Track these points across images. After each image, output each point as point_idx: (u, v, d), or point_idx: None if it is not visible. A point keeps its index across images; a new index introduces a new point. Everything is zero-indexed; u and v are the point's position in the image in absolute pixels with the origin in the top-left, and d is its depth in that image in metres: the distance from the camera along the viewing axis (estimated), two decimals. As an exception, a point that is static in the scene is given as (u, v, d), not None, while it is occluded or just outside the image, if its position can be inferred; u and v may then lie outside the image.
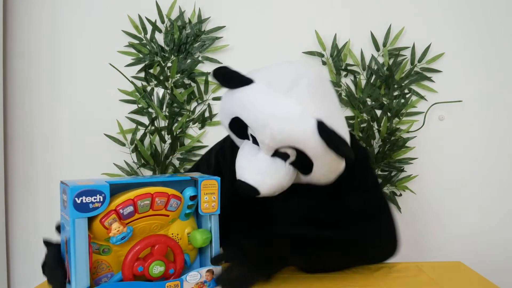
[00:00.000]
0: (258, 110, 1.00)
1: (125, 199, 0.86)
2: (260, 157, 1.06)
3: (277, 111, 0.98)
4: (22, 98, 1.91)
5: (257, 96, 1.01)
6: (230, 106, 1.07)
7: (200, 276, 0.96)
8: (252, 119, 1.02)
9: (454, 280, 1.12)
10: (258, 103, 1.01)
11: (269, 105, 0.99)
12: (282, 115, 0.98)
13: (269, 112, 0.99)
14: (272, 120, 0.99)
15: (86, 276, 0.83)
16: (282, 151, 1.04)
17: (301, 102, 0.99)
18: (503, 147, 1.86)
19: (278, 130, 0.99)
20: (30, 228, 1.94)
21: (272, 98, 1.00)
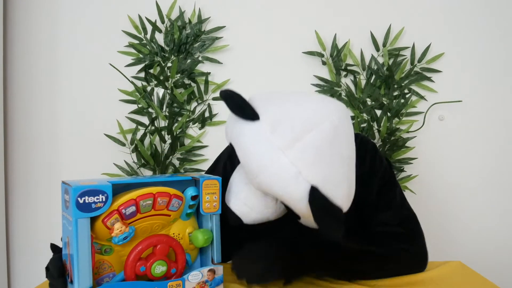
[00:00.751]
0: (251, 157, 0.92)
1: (127, 199, 0.86)
2: (252, 188, 1.00)
3: (270, 165, 0.89)
4: (22, 98, 1.91)
5: (254, 141, 0.91)
6: (230, 133, 0.99)
7: (202, 275, 0.96)
8: (244, 162, 0.94)
9: (454, 280, 1.12)
10: (253, 149, 0.91)
11: (262, 155, 0.90)
12: (274, 172, 0.89)
13: (261, 164, 0.90)
14: (262, 173, 0.90)
15: (88, 276, 0.83)
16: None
17: (299, 162, 0.88)
18: (503, 147, 1.86)
19: (266, 185, 0.91)
20: (30, 228, 1.93)
21: (269, 149, 0.89)
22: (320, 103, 0.97)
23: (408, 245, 1.14)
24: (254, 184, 0.96)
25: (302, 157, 0.89)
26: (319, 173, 0.90)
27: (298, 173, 0.88)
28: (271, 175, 0.90)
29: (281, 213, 1.05)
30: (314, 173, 0.89)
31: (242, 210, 1.02)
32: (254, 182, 0.94)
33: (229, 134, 0.99)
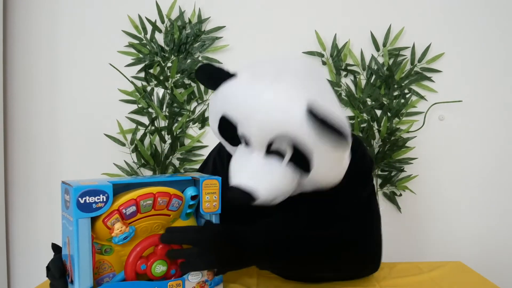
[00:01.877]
0: (242, 101, 0.93)
1: (128, 199, 0.86)
2: (253, 158, 0.97)
3: (262, 99, 0.90)
4: (22, 98, 1.91)
5: (239, 88, 0.95)
6: (215, 106, 1.01)
7: (202, 275, 0.96)
8: (237, 113, 0.95)
9: (454, 280, 1.12)
10: (241, 94, 0.93)
11: (253, 94, 0.92)
12: (268, 104, 0.90)
13: (254, 101, 0.91)
14: (257, 109, 0.91)
15: (89, 276, 0.83)
16: (276, 147, 0.95)
17: (287, 88, 0.91)
18: (503, 147, 1.86)
19: (265, 119, 0.91)
20: (30, 228, 1.94)
21: (256, 87, 0.92)
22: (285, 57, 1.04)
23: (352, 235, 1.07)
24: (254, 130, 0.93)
25: (290, 83, 0.93)
26: (308, 93, 0.92)
27: (291, 95, 0.90)
28: (267, 107, 0.90)
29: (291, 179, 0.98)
30: (304, 93, 0.91)
31: (251, 184, 0.95)
32: (252, 127, 0.93)
33: (214, 108, 1.01)
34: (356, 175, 1.10)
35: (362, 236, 1.08)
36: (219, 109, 1.00)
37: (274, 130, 0.91)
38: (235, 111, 0.96)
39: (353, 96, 1.84)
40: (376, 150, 1.84)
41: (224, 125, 1.00)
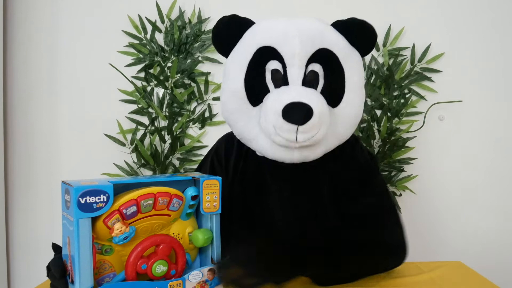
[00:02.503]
0: (282, 25, 1.05)
1: (128, 199, 0.86)
2: (292, 87, 1.03)
3: (299, 20, 1.06)
4: (22, 98, 1.91)
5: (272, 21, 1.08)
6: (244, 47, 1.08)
7: (202, 275, 0.96)
8: (278, 34, 1.04)
9: (454, 280, 1.12)
10: (278, 22, 1.07)
11: (288, 21, 1.06)
12: (304, 22, 1.06)
13: (292, 23, 1.05)
14: (297, 27, 1.04)
15: (90, 276, 0.83)
16: (310, 70, 1.04)
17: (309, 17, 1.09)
18: (503, 147, 1.86)
19: (306, 32, 1.03)
20: (30, 228, 1.94)
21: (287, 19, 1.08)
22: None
23: (382, 232, 1.11)
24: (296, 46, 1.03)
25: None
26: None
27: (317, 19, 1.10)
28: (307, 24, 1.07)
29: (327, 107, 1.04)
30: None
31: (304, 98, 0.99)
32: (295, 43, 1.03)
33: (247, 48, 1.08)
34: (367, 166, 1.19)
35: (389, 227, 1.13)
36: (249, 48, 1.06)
37: (314, 41, 1.03)
38: (274, 35, 1.05)
39: (353, 96, 1.84)
40: (376, 150, 1.84)
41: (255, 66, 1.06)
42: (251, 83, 1.07)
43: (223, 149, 1.25)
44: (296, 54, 1.02)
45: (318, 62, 1.04)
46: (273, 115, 0.99)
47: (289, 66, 1.03)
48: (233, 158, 1.23)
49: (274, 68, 1.05)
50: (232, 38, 1.11)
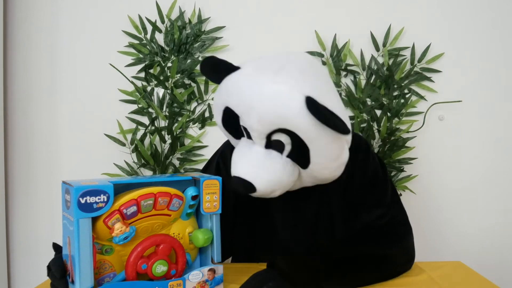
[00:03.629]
0: (243, 93, 0.97)
1: (128, 199, 0.86)
2: (254, 149, 1.01)
3: (264, 90, 0.94)
4: (22, 98, 1.91)
5: (241, 79, 0.99)
6: (219, 98, 1.05)
7: (202, 275, 0.96)
8: (239, 104, 0.99)
9: (454, 280, 1.12)
10: (243, 85, 0.98)
11: (254, 86, 0.95)
12: (268, 95, 0.94)
13: (255, 93, 0.95)
14: (258, 101, 0.95)
15: (90, 276, 0.83)
16: (275, 138, 0.99)
17: (288, 81, 0.94)
18: (503, 147, 1.86)
19: (265, 111, 0.94)
20: (30, 228, 1.94)
21: (258, 80, 0.96)
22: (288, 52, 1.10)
23: (395, 245, 1.14)
24: (254, 120, 0.97)
25: (291, 77, 0.96)
26: (309, 86, 0.95)
27: (292, 87, 0.93)
28: (268, 98, 0.94)
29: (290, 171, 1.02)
30: (306, 85, 0.95)
31: (251, 172, 0.99)
32: (253, 117, 0.96)
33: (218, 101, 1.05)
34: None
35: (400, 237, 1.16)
36: (222, 101, 1.04)
37: (273, 121, 0.95)
38: (237, 103, 1.00)
39: (353, 96, 1.84)
40: (376, 150, 1.84)
41: (227, 117, 1.05)
42: (228, 126, 1.08)
43: (229, 152, 1.26)
44: (254, 130, 0.99)
45: (284, 133, 0.98)
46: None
47: (251, 133, 1.01)
48: None
49: (242, 124, 1.03)
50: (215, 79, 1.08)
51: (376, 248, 1.10)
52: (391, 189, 1.23)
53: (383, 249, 1.11)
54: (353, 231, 1.16)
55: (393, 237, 1.15)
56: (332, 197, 1.18)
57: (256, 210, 1.22)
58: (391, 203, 1.20)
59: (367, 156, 1.22)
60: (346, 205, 1.18)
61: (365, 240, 1.12)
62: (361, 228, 1.16)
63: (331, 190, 1.18)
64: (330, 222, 1.19)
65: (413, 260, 1.19)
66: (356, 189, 1.18)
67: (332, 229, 1.19)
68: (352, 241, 1.13)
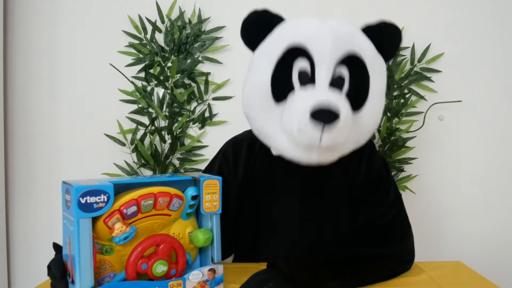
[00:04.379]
0: (314, 23, 1.06)
1: (128, 199, 0.87)
2: (319, 88, 1.02)
3: (331, 21, 1.06)
4: (22, 98, 1.91)
5: (303, 19, 1.08)
6: (274, 43, 1.08)
7: (203, 275, 0.97)
8: (311, 32, 1.04)
9: (454, 280, 1.12)
10: (310, 20, 1.07)
11: (320, 20, 1.06)
12: (337, 23, 1.06)
13: (324, 23, 1.05)
14: (329, 27, 1.04)
15: (90, 276, 0.83)
16: (337, 75, 1.04)
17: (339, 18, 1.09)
18: (503, 147, 1.86)
19: (338, 32, 1.03)
20: (30, 228, 1.93)
21: (319, 19, 1.07)
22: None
23: (396, 245, 1.14)
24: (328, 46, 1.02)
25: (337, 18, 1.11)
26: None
27: (347, 22, 1.10)
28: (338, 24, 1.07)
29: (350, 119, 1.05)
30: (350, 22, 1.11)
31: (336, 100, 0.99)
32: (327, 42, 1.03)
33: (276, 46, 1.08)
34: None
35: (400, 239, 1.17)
36: (279, 45, 1.06)
37: (346, 42, 1.03)
38: (306, 32, 1.05)
39: (353, 96, 1.84)
40: (376, 150, 1.85)
41: (283, 64, 1.05)
42: (277, 79, 1.06)
43: (231, 152, 1.26)
44: (326, 53, 1.02)
45: (346, 65, 1.04)
46: (301, 113, 0.98)
47: (318, 66, 1.03)
48: (242, 161, 1.23)
49: (302, 66, 1.04)
50: (262, 32, 1.10)
51: (376, 248, 1.10)
52: (394, 188, 1.23)
53: (383, 249, 1.11)
54: (354, 229, 1.16)
55: (393, 236, 1.15)
56: (339, 195, 1.19)
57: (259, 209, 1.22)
58: (393, 202, 1.21)
59: (373, 153, 1.23)
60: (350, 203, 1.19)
61: (365, 240, 1.12)
62: (362, 226, 1.16)
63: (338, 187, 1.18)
64: (336, 220, 1.19)
65: (413, 260, 1.19)
66: (360, 186, 1.19)
67: (337, 228, 1.19)
68: (352, 241, 1.13)
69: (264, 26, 1.10)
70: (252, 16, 1.10)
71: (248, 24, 1.10)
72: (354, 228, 1.17)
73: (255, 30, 1.11)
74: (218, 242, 1.01)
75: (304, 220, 1.20)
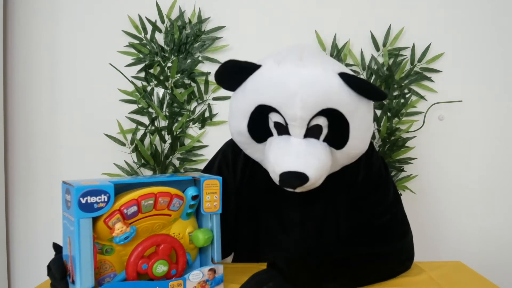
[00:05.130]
0: (284, 83, 0.98)
1: (129, 199, 0.87)
2: (293, 142, 1.03)
3: (303, 76, 0.97)
4: (22, 98, 1.91)
5: (271, 73, 1.00)
6: (246, 99, 1.06)
7: (203, 275, 0.97)
8: (276, 96, 1.00)
9: (454, 280, 1.12)
10: (277, 77, 0.99)
11: (289, 75, 0.98)
12: (309, 79, 0.97)
13: (296, 80, 0.97)
14: (300, 86, 0.97)
15: (90, 276, 0.83)
16: (314, 124, 1.02)
17: (317, 64, 0.99)
18: (503, 147, 1.86)
19: (309, 94, 0.97)
20: (30, 228, 1.93)
21: (289, 70, 0.98)
22: (289, 44, 1.14)
23: (396, 243, 1.14)
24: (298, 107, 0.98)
25: (315, 61, 1.00)
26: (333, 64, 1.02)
27: (323, 70, 0.98)
28: (309, 82, 0.97)
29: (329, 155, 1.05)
30: (330, 65, 1.01)
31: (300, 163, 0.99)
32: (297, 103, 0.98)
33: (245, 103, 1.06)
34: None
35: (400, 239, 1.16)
36: (253, 101, 1.03)
37: (317, 104, 0.99)
38: (274, 95, 1.00)
39: (353, 96, 1.84)
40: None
41: (256, 118, 1.04)
42: (254, 128, 1.07)
43: (230, 152, 1.27)
44: (297, 118, 1.00)
45: (322, 116, 1.02)
46: (273, 174, 1.03)
47: (290, 124, 1.02)
48: (241, 161, 1.24)
49: (277, 119, 1.04)
50: (236, 80, 1.07)
51: (376, 247, 1.10)
52: (393, 188, 1.23)
53: (383, 248, 1.11)
54: (354, 229, 1.16)
55: (393, 235, 1.15)
56: (338, 196, 1.19)
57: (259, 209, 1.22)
58: (393, 202, 1.21)
59: (371, 154, 1.22)
60: (350, 203, 1.19)
61: (365, 239, 1.12)
62: (361, 226, 1.16)
63: (337, 188, 1.19)
64: (336, 220, 1.19)
65: (412, 260, 1.19)
66: (359, 186, 1.19)
67: (337, 228, 1.19)
68: (352, 240, 1.13)
69: (237, 75, 1.07)
70: (222, 69, 1.06)
71: (220, 76, 1.08)
72: (354, 228, 1.17)
73: (227, 81, 1.10)
74: (218, 242, 1.01)
75: (304, 220, 1.20)
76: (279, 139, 1.05)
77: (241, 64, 1.05)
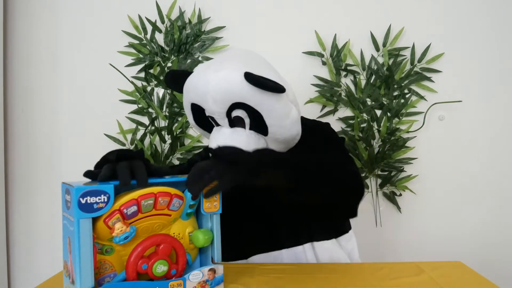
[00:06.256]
0: (197, 85, 1.16)
1: (129, 199, 0.86)
2: (221, 131, 1.17)
3: (213, 77, 1.12)
4: (22, 98, 1.91)
5: (195, 77, 1.18)
6: (184, 99, 1.22)
7: (203, 275, 0.96)
8: (196, 95, 1.16)
9: (454, 280, 1.12)
10: (196, 80, 1.17)
11: (204, 78, 1.14)
12: (214, 79, 1.12)
13: (204, 82, 1.14)
14: (211, 86, 1.12)
15: (90, 277, 0.83)
16: (235, 115, 1.14)
17: (229, 67, 1.14)
18: (503, 147, 1.86)
19: (215, 91, 1.12)
20: (30, 228, 1.94)
21: (206, 72, 1.15)
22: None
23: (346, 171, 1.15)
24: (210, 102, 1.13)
25: (230, 64, 1.16)
26: (245, 66, 1.14)
27: (230, 70, 1.12)
28: (215, 81, 1.12)
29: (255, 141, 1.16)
30: (242, 66, 1.13)
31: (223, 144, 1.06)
32: (208, 100, 1.14)
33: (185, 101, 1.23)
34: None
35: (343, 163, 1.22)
36: (187, 100, 1.21)
37: (225, 99, 1.12)
38: (195, 95, 1.17)
39: (353, 96, 1.84)
40: (376, 150, 1.85)
41: (195, 113, 1.21)
42: (199, 122, 1.24)
43: (205, 155, 1.38)
44: (214, 112, 1.15)
45: (240, 109, 1.14)
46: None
47: (215, 117, 1.17)
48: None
49: (208, 114, 1.19)
50: (179, 86, 1.25)
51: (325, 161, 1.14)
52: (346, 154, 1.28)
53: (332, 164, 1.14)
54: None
55: (343, 166, 1.17)
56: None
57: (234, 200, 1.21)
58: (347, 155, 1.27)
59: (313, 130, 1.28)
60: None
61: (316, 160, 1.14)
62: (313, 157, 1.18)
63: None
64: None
65: (362, 187, 1.17)
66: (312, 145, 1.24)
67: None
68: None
69: (177, 84, 1.25)
70: (166, 77, 1.28)
71: (167, 81, 1.29)
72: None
73: (172, 87, 1.30)
74: (218, 242, 1.01)
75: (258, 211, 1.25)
76: (215, 130, 1.20)
77: (178, 72, 1.28)
